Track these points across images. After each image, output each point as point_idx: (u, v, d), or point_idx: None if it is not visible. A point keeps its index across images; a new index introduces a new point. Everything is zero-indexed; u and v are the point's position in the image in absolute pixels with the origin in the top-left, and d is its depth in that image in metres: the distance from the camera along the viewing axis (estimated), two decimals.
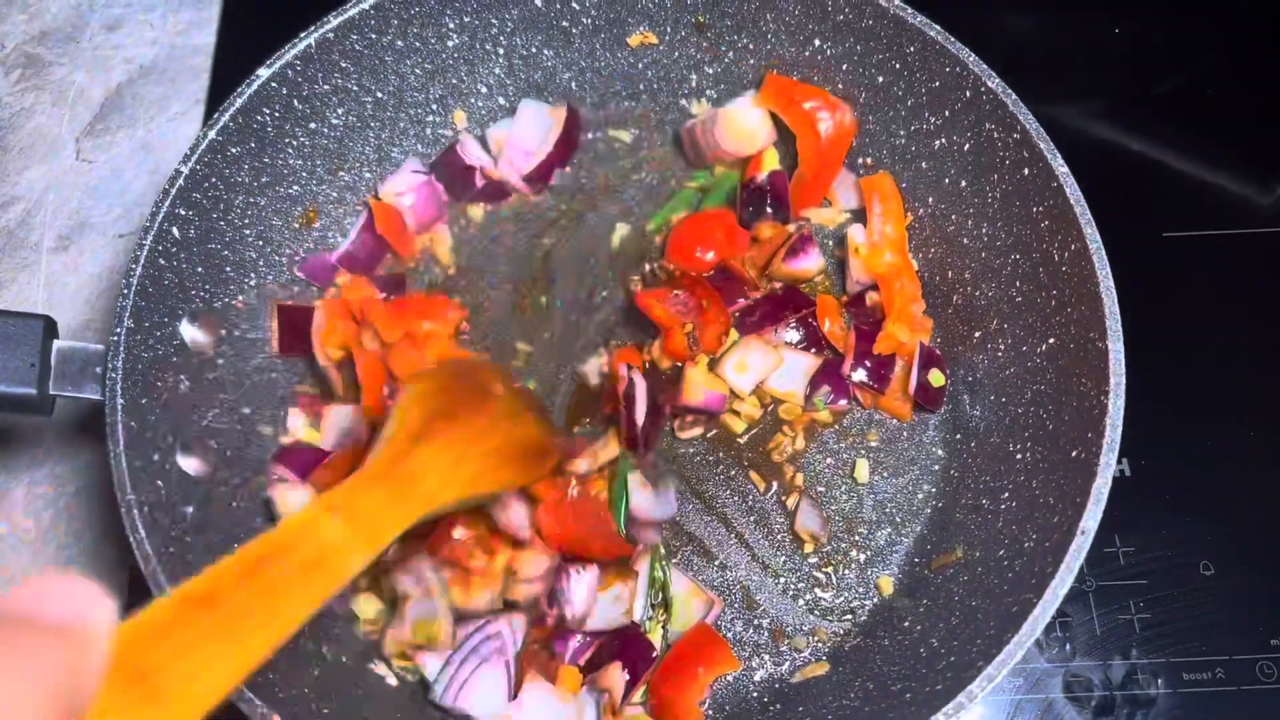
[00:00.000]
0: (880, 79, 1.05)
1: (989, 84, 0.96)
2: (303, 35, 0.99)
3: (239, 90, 0.97)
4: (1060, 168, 0.92)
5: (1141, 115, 1.24)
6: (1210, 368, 1.11)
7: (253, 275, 1.03)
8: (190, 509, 0.89)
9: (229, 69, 1.31)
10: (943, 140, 1.03)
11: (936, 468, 1.02)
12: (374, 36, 1.03)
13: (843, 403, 1.04)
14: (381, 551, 0.75)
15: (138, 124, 1.31)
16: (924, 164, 1.06)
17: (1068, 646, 0.97)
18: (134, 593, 1.01)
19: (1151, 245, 1.16)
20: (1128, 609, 0.98)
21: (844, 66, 1.07)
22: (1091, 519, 0.80)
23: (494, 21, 1.09)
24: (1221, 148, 1.23)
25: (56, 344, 0.89)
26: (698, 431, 1.05)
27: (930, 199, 1.07)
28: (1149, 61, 1.27)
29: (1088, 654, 0.96)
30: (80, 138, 1.30)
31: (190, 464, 0.92)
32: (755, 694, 0.95)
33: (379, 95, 1.08)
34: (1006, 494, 0.93)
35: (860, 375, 1.03)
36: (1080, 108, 1.22)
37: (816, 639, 0.96)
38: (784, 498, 1.02)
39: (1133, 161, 1.22)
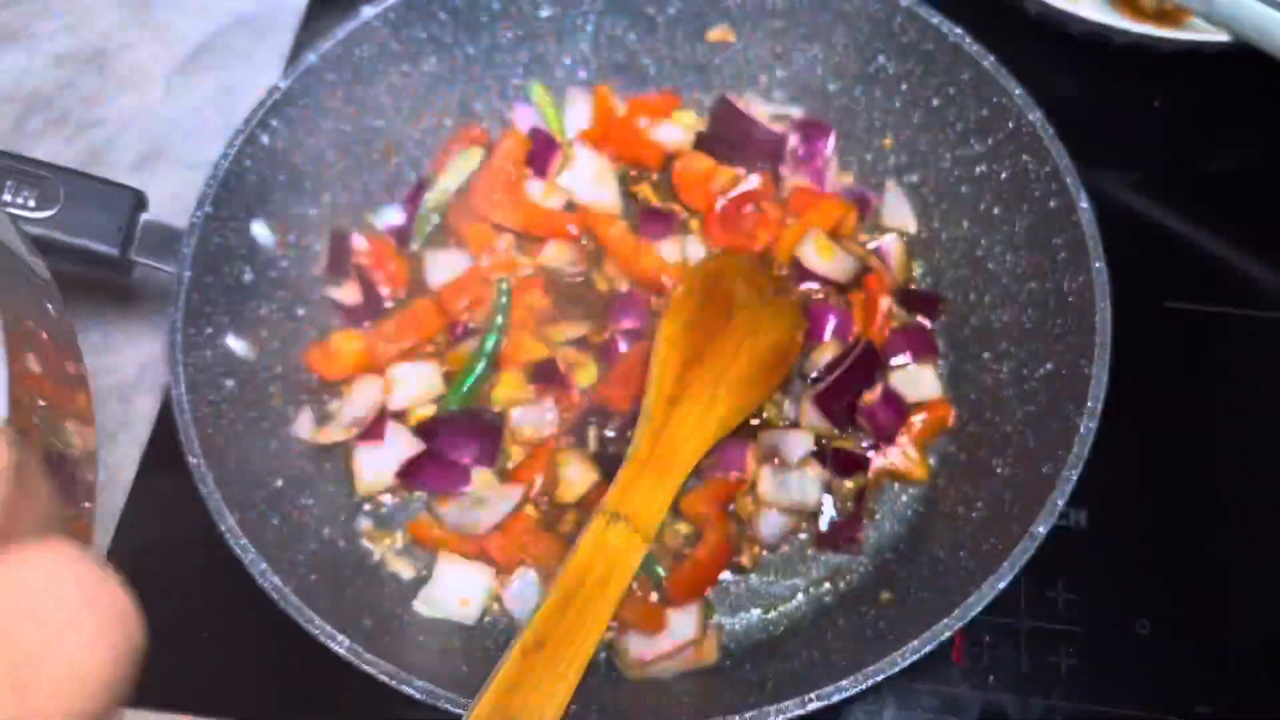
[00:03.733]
0: (935, 101, 1.11)
1: (1030, 116, 1.01)
2: None
3: (343, 23, 1.07)
4: (1082, 203, 0.96)
5: (1174, 187, 1.26)
6: (1188, 438, 1.11)
7: (327, 193, 1.12)
8: (231, 383, 0.99)
9: (313, 30, 1.40)
10: (983, 167, 1.08)
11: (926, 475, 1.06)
12: None
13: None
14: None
15: (223, 69, 1.44)
16: (964, 188, 1.11)
17: (991, 679, 0.98)
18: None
19: (1150, 312, 1.17)
20: (1056, 653, 0.99)
21: (903, 86, 1.13)
22: (1042, 525, 0.84)
23: None
24: (1257, 230, 1.24)
25: (144, 216, 1.00)
26: None
27: (965, 222, 1.11)
28: (1188, 136, 1.29)
29: (1009, 689, 0.98)
30: (171, 75, 1.43)
31: (239, 346, 1.01)
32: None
33: (470, 51, 1.17)
34: (981, 503, 0.97)
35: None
36: (1113, 171, 1.24)
37: (779, 611, 1.01)
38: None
39: (1154, 229, 1.23)
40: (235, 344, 1.01)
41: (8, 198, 0.95)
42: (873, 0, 1.10)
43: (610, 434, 1.04)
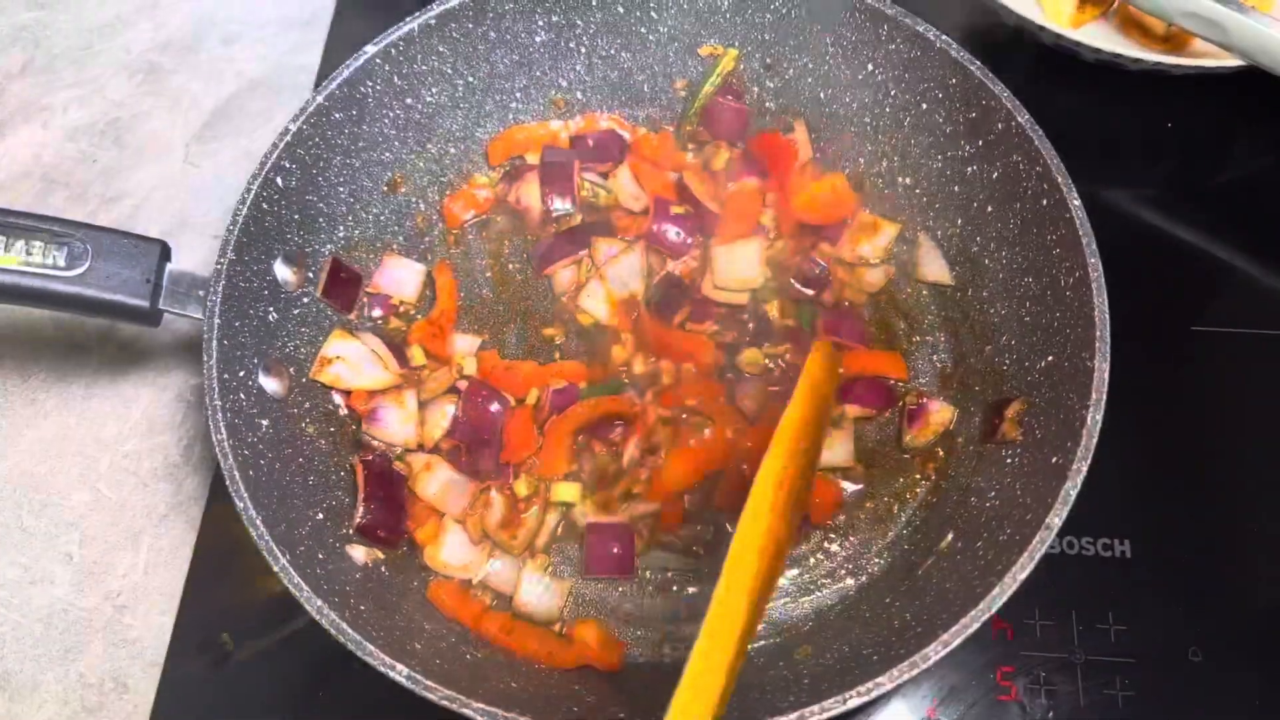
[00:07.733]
0: (924, 106, 1.14)
1: (1019, 119, 1.05)
2: (407, 20, 1.12)
3: (347, 63, 1.10)
4: (1074, 200, 1.00)
5: (1193, 206, 1.28)
6: (1225, 462, 1.13)
7: (341, 228, 1.16)
8: (266, 423, 1.02)
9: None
10: (974, 167, 1.12)
11: (935, 465, 1.11)
12: (470, 26, 1.16)
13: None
14: None
15: (242, 133, 1.43)
16: (956, 188, 1.15)
17: (1050, 714, 1.01)
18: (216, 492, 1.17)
19: (1179, 337, 1.19)
20: (1113, 685, 1.01)
21: (892, 91, 1.16)
22: (1057, 517, 0.88)
23: (579, 22, 1.20)
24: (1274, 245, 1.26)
25: (169, 266, 1.03)
26: None
27: (959, 220, 1.15)
28: (1203, 155, 1.32)
29: None
30: (189, 143, 1.43)
31: (269, 384, 1.04)
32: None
33: (470, 80, 1.20)
34: (993, 493, 1.01)
35: None
36: (1132, 193, 1.28)
37: (805, 608, 1.05)
38: None
39: (1177, 251, 1.26)
40: (266, 383, 1.04)
41: (37, 259, 0.97)
42: (858, 11, 1.13)
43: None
